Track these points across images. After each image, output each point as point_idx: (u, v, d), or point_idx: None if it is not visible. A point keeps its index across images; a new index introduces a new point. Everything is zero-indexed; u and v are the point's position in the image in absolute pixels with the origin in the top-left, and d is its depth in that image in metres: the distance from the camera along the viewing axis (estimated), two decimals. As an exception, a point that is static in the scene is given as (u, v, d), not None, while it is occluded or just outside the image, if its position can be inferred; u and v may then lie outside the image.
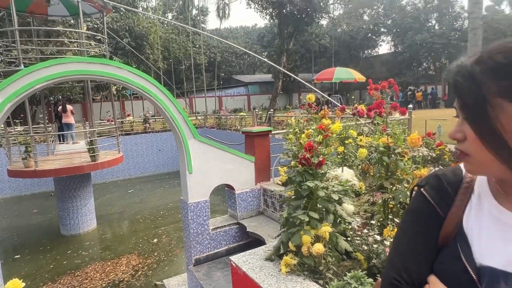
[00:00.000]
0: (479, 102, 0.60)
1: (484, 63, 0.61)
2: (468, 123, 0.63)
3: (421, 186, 0.81)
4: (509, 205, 0.67)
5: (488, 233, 0.68)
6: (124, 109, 26.17)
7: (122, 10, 21.19)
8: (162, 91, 4.96)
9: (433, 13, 33.19)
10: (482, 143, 0.61)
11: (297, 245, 2.85)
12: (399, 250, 0.81)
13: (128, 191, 13.83)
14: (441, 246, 0.75)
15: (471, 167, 0.68)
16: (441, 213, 0.75)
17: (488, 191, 0.72)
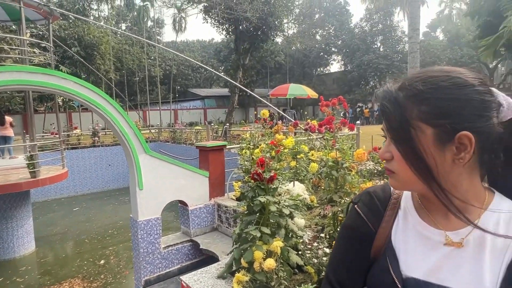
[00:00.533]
0: (403, 125, 0.65)
1: (406, 89, 0.66)
2: (394, 144, 0.68)
3: (355, 202, 0.85)
4: (429, 220, 0.72)
5: (412, 246, 0.73)
6: (71, 122, 24.63)
7: (71, 18, 20.20)
8: (111, 103, 4.75)
9: (378, 36, 35.87)
10: (406, 162, 0.66)
11: (249, 261, 2.83)
12: (334, 264, 0.84)
13: (73, 209, 12.86)
14: (373, 259, 0.78)
15: (397, 184, 0.73)
16: (372, 228, 0.79)
17: (412, 206, 0.77)
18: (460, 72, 0.66)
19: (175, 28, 34.30)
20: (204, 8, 18.66)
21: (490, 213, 0.67)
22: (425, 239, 0.71)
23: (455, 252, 0.67)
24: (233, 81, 15.52)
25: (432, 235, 0.70)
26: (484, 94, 0.64)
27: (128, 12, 33.89)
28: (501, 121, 0.65)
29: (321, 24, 37.88)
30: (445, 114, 0.62)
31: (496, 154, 0.68)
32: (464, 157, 0.63)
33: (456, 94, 0.63)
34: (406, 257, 0.73)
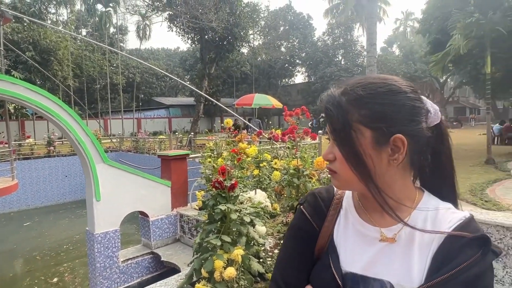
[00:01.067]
0: (345, 127, 0.69)
1: (348, 94, 0.71)
2: (336, 145, 0.72)
3: (301, 203, 0.88)
4: (366, 218, 0.77)
5: (351, 243, 0.77)
6: (24, 130, 23.11)
7: (26, 21, 19.13)
8: (66, 110, 4.53)
9: (339, 49, 37.45)
10: (347, 163, 0.70)
11: (209, 270, 2.78)
12: (280, 262, 0.86)
13: (23, 224, 11.96)
14: (317, 257, 0.82)
15: (338, 184, 0.77)
16: (316, 228, 0.82)
17: (352, 206, 0.81)
18: (395, 80, 0.72)
19: (139, 35, 33.58)
20: (169, 17, 18.48)
21: (419, 211, 0.72)
22: (363, 236, 0.76)
23: (388, 247, 0.72)
24: (198, 90, 15.42)
25: (369, 232, 0.75)
26: (415, 101, 0.70)
27: (89, 17, 32.68)
28: (429, 126, 0.72)
29: (286, 36, 38.88)
30: (382, 118, 0.67)
31: (424, 156, 0.74)
32: (398, 158, 0.68)
33: (391, 100, 0.68)
34: (345, 253, 0.77)
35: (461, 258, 0.63)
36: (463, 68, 15.47)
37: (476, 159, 11.88)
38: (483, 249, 0.64)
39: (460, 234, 0.66)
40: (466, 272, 0.62)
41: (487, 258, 0.64)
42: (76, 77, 26.71)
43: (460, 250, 0.64)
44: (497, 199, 6.29)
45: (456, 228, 0.67)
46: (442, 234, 0.67)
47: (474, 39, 10.70)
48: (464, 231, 0.66)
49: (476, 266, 0.63)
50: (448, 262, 0.64)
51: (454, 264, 0.63)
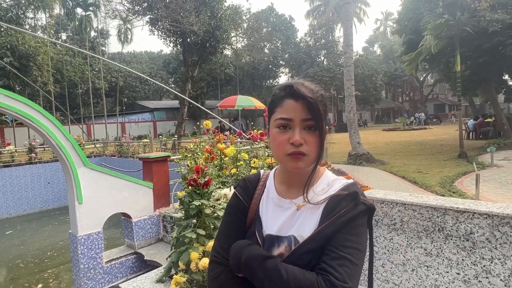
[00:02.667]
0: (324, 120, 0.92)
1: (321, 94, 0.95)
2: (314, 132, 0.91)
3: (235, 187, 1.12)
4: (282, 193, 1.01)
5: (271, 213, 1.00)
6: (4, 137, 22.65)
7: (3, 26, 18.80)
8: (45, 116, 4.64)
9: (321, 50, 38.02)
10: (319, 146, 0.92)
11: (186, 262, 2.98)
12: (219, 235, 1.08)
13: (5, 233, 11.81)
14: (248, 228, 1.04)
15: (305, 164, 0.91)
16: (246, 204, 1.05)
17: (272, 185, 1.05)
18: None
19: (121, 39, 33.31)
20: (150, 20, 18.50)
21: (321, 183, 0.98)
22: (279, 207, 0.99)
23: (295, 213, 0.96)
24: (181, 93, 15.52)
25: (283, 203, 0.99)
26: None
27: (68, 21, 32.22)
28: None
29: (269, 38, 39.26)
30: (327, 112, 0.96)
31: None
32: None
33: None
34: (266, 221, 1.00)
35: (339, 208, 0.88)
36: (436, 67, 16.09)
37: (450, 153, 12.41)
38: (355, 202, 0.88)
39: (338, 193, 0.91)
40: (342, 217, 0.86)
41: (358, 207, 0.88)
42: (57, 82, 26.32)
43: (338, 204, 0.89)
44: (464, 190, 6.70)
45: (339, 190, 0.92)
46: (330, 195, 0.92)
47: (444, 39, 11.21)
48: (343, 191, 0.91)
49: (349, 212, 0.87)
50: (329, 213, 0.89)
51: (334, 213, 0.88)
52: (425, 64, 17.51)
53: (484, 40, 11.60)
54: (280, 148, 0.91)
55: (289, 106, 0.91)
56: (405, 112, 44.95)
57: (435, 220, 1.91)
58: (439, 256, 1.89)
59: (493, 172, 8.69)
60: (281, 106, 0.93)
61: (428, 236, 1.94)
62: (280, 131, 0.92)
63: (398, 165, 10.85)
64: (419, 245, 1.99)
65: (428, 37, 10.95)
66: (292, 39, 40.09)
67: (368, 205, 0.91)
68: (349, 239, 0.86)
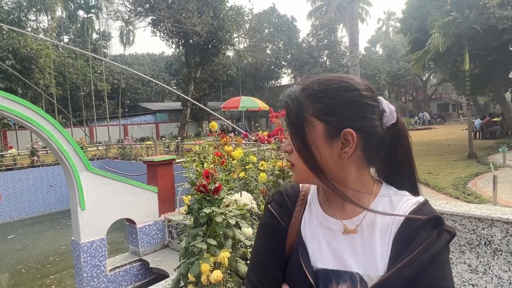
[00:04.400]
0: (298, 120, 0.72)
1: (306, 89, 0.75)
2: (291, 138, 0.75)
3: (269, 202, 0.88)
4: (330, 211, 0.79)
5: (317, 238, 0.78)
6: (6, 141, 22.57)
7: (5, 29, 18.70)
8: (47, 119, 4.46)
9: (324, 50, 37.84)
10: (298, 154, 0.73)
11: (196, 274, 2.78)
12: (253, 262, 0.86)
13: (7, 238, 11.64)
14: (288, 255, 0.82)
15: (297, 177, 0.79)
16: (284, 225, 0.83)
17: (316, 200, 0.83)
18: (350, 78, 0.76)
19: (123, 41, 33.22)
20: (152, 22, 18.36)
21: (378, 200, 0.75)
22: (328, 230, 0.78)
23: (352, 238, 0.74)
24: (184, 94, 15.35)
25: (333, 225, 0.77)
26: (367, 98, 0.73)
27: (70, 24, 32.15)
28: (386, 126, 0.75)
29: (271, 38, 39.09)
30: (333, 112, 0.71)
31: (381, 153, 0.77)
32: (348, 151, 0.71)
33: (343, 96, 0.72)
34: (313, 249, 0.78)
35: (418, 241, 0.66)
36: (443, 66, 15.86)
37: (458, 153, 12.17)
38: (437, 230, 0.67)
39: (414, 217, 0.69)
40: (424, 254, 0.65)
41: (441, 238, 0.67)
42: (59, 85, 26.23)
43: (416, 233, 0.67)
44: (479, 192, 6.47)
45: (411, 212, 0.70)
46: (400, 220, 0.70)
47: (452, 37, 11.00)
48: (419, 215, 0.69)
49: (432, 247, 0.66)
50: (406, 246, 0.67)
51: (413, 247, 0.66)
52: (430, 63, 17.25)
53: (493, 38, 11.37)
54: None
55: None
56: (409, 112, 44.67)
57: (480, 232, 1.70)
58: (486, 274, 1.69)
59: (507, 173, 8.44)
60: None
61: (473, 251, 1.73)
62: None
63: (407, 166, 10.58)
64: (462, 260, 1.78)
65: (436, 35, 10.73)
66: (294, 40, 39.89)
67: (452, 233, 0.70)
68: (436, 285, 0.66)
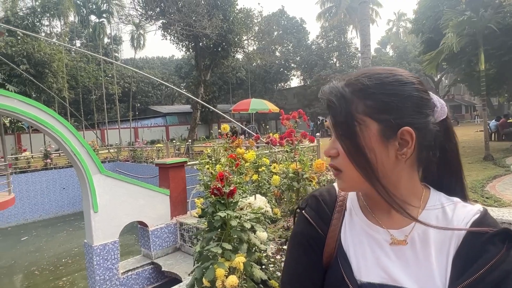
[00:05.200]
0: (348, 120, 0.64)
1: (352, 84, 0.66)
2: (338, 140, 0.66)
3: (302, 208, 0.80)
4: (374, 219, 0.71)
5: (361, 249, 0.71)
6: (20, 144, 22.98)
7: (20, 34, 19.09)
8: (61, 122, 4.48)
9: (334, 52, 37.61)
10: (349, 158, 0.65)
11: (211, 280, 2.73)
12: (287, 274, 0.79)
13: (21, 239, 11.81)
14: (326, 266, 0.75)
15: (344, 184, 0.70)
16: (322, 233, 0.75)
17: (358, 207, 0.75)
18: (401, 71, 0.68)
19: (133, 45, 33.63)
20: (163, 25, 18.51)
21: (430, 208, 0.68)
22: (373, 240, 0.70)
23: (402, 250, 0.66)
24: (194, 97, 15.39)
25: (378, 234, 0.69)
26: (422, 92, 0.66)
27: (83, 28, 32.71)
28: (435, 122, 0.68)
29: (280, 41, 39.05)
30: (389, 109, 0.63)
31: (433, 152, 0.69)
32: (406, 152, 0.63)
33: (398, 90, 0.64)
34: (357, 260, 0.70)
35: (486, 257, 0.59)
36: (457, 66, 15.56)
37: (474, 156, 11.88)
38: (507, 244, 0.59)
39: (480, 230, 0.61)
40: (494, 272, 0.57)
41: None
42: (71, 89, 26.65)
43: (483, 248, 0.60)
44: (498, 195, 6.26)
45: (473, 223, 0.63)
46: (460, 232, 0.63)
47: (466, 36, 10.76)
48: (482, 226, 0.62)
49: (503, 264, 0.58)
50: (472, 263, 0.59)
51: (480, 264, 0.58)
52: (443, 64, 16.95)
53: (509, 37, 11.10)
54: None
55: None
56: (420, 114, 43.96)
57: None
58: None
59: (526, 175, 8.18)
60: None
61: None
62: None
63: (421, 169, 10.38)
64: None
65: (450, 35, 10.52)
66: (304, 42, 39.78)
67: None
68: None
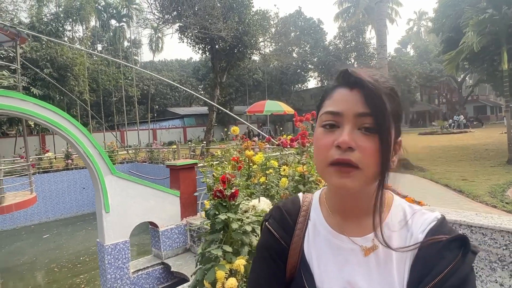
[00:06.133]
0: (395, 115, 0.63)
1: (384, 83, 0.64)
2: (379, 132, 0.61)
3: (266, 220, 0.79)
4: (338, 228, 0.70)
5: (324, 258, 0.70)
6: (44, 144, 23.86)
7: (44, 39, 19.88)
8: (74, 124, 4.63)
9: (351, 52, 37.12)
10: (380, 154, 0.61)
11: (212, 281, 2.74)
12: (249, 286, 0.79)
13: (42, 237, 12.26)
14: (290, 277, 0.74)
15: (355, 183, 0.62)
16: (285, 245, 0.74)
17: (321, 216, 0.74)
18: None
19: (152, 48, 34.34)
20: (179, 28, 18.82)
21: (394, 211, 0.68)
22: (337, 249, 0.69)
23: (365, 258, 0.65)
24: (210, 99, 15.55)
25: (343, 243, 0.68)
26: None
27: (103, 33, 33.72)
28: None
29: (297, 42, 38.89)
30: (400, 118, 0.65)
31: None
32: (395, 161, 0.65)
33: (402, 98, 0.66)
34: (320, 270, 0.69)
35: (442, 264, 0.58)
36: (479, 66, 15.03)
37: (497, 159, 11.43)
38: (463, 250, 0.59)
39: (434, 239, 0.60)
40: (451, 278, 0.57)
41: (467, 260, 0.59)
42: (92, 91, 27.48)
43: (439, 255, 0.59)
44: (519, 201, 6.00)
45: (430, 231, 0.62)
46: (418, 240, 0.62)
47: (488, 35, 10.39)
48: (439, 234, 0.61)
49: (459, 270, 0.57)
50: (429, 270, 0.59)
51: (437, 271, 0.58)
52: (465, 63, 16.42)
53: (534, 35, 10.63)
54: (322, 154, 0.63)
55: (340, 96, 0.63)
56: (442, 115, 42.75)
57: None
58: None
59: (551, 180, 7.81)
60: (330, 97, 0.66)
61: (505, 269, 1.56)
62: (325, 131, 0.64)
63: (440, 172, 10.09)
64: (492, 278, 1.61)
65: (470, 34, 10.18)
66: (321, 43, 39.44)
67: (476, 252, 0.61)
68: None
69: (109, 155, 18.57)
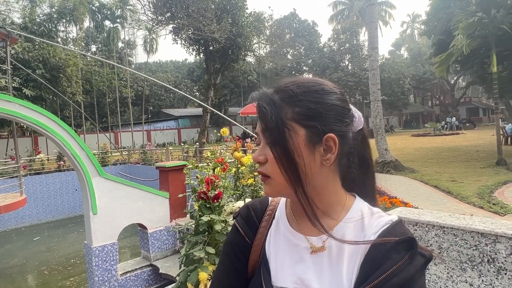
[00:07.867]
0: (278, 125, 0.65)
1: (282, 91, 0.68)
2: (268, 146, 0.67)
3: (235, 217, 0.82)
4: (297, 227, 0.72)
5: (281, 255, 0.72)
6: (37, 146, 23.65)
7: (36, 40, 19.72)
8: (61, 126, 4.60)
9: (346, 54, 37.33)
10: (278, 163, 0.65)
11: (195, 283, 2.74)
12: (214, 282, 0.81)
13: (33, 239, 12.14)
14: (252, 273, 0.76)
15: (271, 190, 0.70)
16: (249, 242, 0.77)
17: (284, 215, 0.76)
18: (325, 81, 0.71)
19: (146, 49, 34.22)
20: (173, 29, 18.79)
21: (347, 220, 0.69)
22: (294, 247, 0.71)
23: (319, 257, 0.67)
24: (204, 100, 15.53)
25: (299, 241, 0.71)
26: (344, 102, 0.69)
27: (97, 33, 33.51)
28: (354, 132, 0.70)
29: (292, 44, 39.01)
30: (316, 116, 0.65)
31: (352, 159, 0.71)
32: (330, 158, 0.65)
33: (324, 99, 0.67)
34: (276, 267, 0.72)
35: (388, 264, 0.60)
36: (469, 68, 15.21)
37: (487, 160, 11.56)
38: (410, 252, 0.60)
39: (384, 241, 0.62)
40: (394, 278, 0.58)
41: (415, 262, 0.60)
42: (86, 92, 27.29)
43: (386, 256, 0.61)
44: (506, 202, 6.07)
45: (381, 233, 0.64)
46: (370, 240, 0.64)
47: (478, 38, 10.52)
48: (390, 236, 0.63)
49: (404, 271, 0.59)
50: (375, 269, 0.60)
51: (381, 270, 0.59)
52: (456, 66, 16.60)
53: (522, 38, 10.77)
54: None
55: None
56: (435, 117, 43.11)
57: (483, 248, 1.55)
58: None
59: (539, 181, 7.91)
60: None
61: (475, 269, 1.59)
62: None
63: (430, 173, 10.18)
64: (463, 278, 1.63)
65: (460, 37, 10.30)
66: (316, 45, 39.62)
67: (428, 257, 0.63)
68: None
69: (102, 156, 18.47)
